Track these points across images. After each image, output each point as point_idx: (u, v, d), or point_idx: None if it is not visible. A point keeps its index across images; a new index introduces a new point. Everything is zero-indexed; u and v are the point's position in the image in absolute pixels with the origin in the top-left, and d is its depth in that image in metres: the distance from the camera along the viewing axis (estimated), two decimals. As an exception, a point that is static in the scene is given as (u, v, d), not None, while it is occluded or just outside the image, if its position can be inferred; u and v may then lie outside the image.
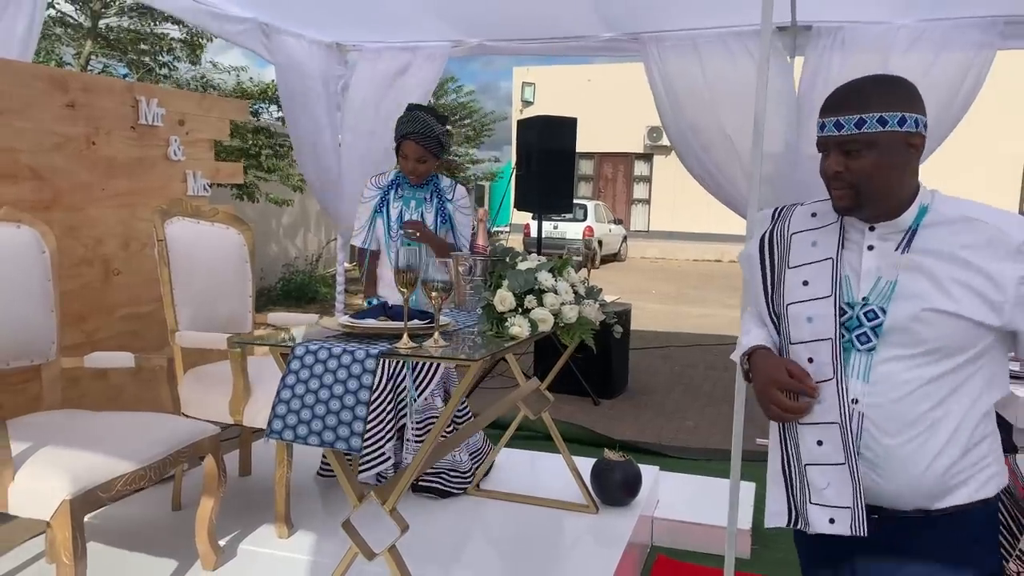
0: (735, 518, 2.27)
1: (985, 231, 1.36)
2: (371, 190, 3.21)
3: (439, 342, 1.85)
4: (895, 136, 1.38)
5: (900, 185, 1.41)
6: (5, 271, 2.43)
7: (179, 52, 9.62)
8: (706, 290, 13.28)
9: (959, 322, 1.35)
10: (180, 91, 6.27)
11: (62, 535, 1.97)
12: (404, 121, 3.10)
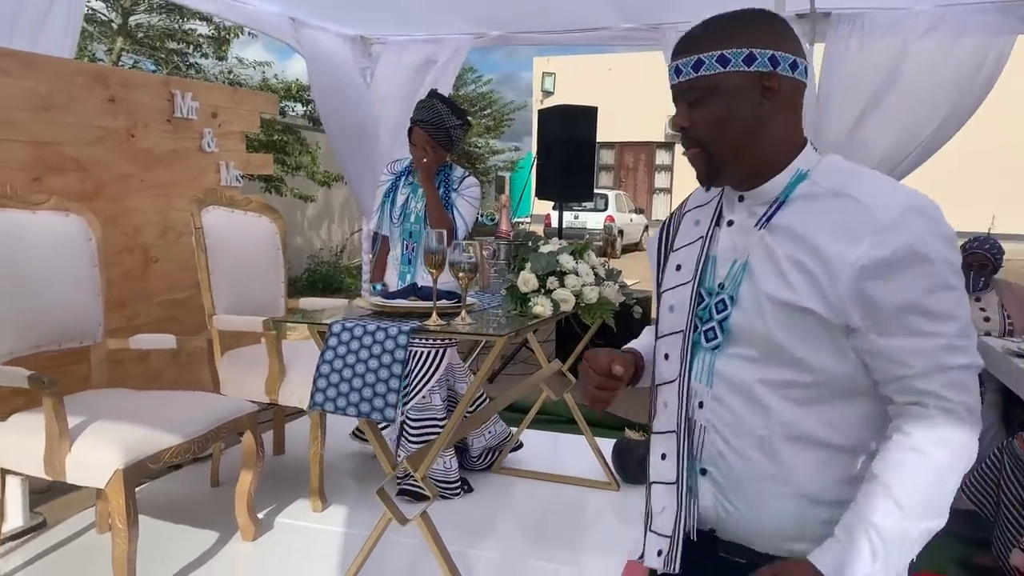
0: None
1: (850, 209, 1.08)
2: (386, 175, 3.26)
3: (466, 320, 1.96)
4: (742, 78, 1.10)
5: (759, 142, 1.13)
6: (56, 258, 2.57)
7: (206, 48, 9.79)
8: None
9: (803, 319, 1.08)
10: (213, 84, 6.41)
11: (116, 502, 2.11)
12: (420, 107, 3.12)
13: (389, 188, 3.21)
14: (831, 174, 1.13)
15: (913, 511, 1.02)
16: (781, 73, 1.10)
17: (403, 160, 3.29)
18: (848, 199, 1.08)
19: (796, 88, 1.13)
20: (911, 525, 1.02)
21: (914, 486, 1.02)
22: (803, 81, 1.13)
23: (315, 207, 11.25)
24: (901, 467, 1.03)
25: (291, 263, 11.66)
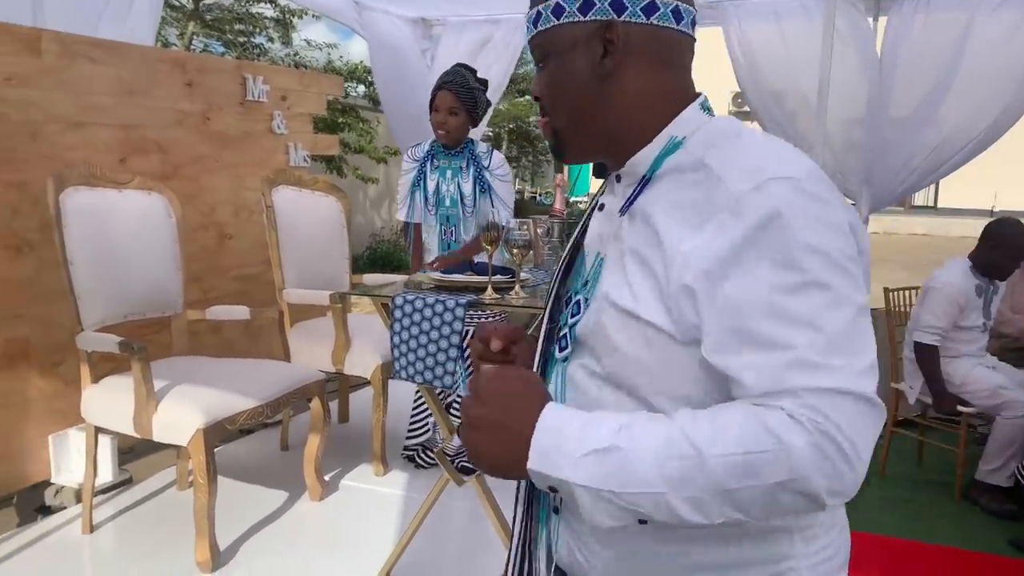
0: None
1: (702, 183, 0.84)
2: (408, 163, 3.17)
3: (520, 294, 2.06)
4: (578, 30, 0.90)
5: (604, 107, 0.92)
6: (141, 234, 2.76)
7: (272, 31, 10.05)
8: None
9: (652, 333, 0.84)
10: (282, 68, 6.63)
11: (197, 459, 2.29)
12: (443, 74, 3.07)
13: (417, 176, 3.14)
14: (705, 139, 0.89)
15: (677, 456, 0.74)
16: (629, 20, 0.88)
17: (422, 144, 3.19)
18: (705, 170, 0.85)
19: (656, 37, 0.90)
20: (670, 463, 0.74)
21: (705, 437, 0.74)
22: (668, 27, 0.90)
23: (376, 187, 11.50)
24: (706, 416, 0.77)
25: (353, 241, 11.98)
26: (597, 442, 0.76)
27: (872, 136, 4.49)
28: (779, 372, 0.74)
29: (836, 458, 0.72)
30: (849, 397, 0.73)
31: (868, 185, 4.64)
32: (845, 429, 0.72)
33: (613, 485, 0.75)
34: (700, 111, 0.92)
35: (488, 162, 3.10)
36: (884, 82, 4.38)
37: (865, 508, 3.45)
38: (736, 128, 0.91)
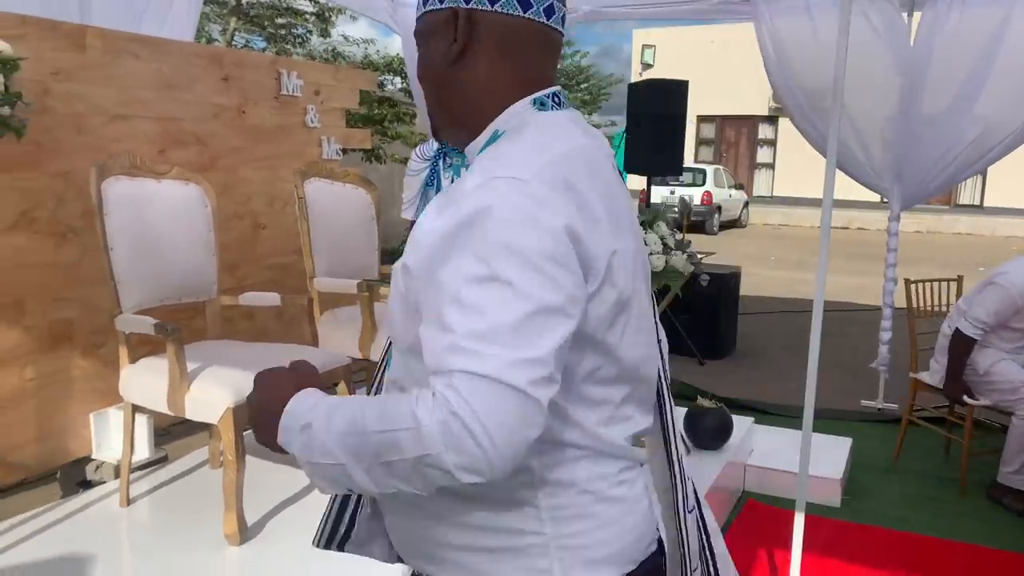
0: (806, 465, 2.42)
1: (466, 175, 0.90)
2: (417, 162, 3.12)
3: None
4: (439, 16, 0.94)
5: (451, 94, 0.96)
6: (178, 222, 2.88)
7: (312, 25, 10.22)
8: (830, 257, 12.89)
9: (405, 302, 0.92)
10: (316, 63, 6.78)
11: (227, 436, 2.40)
12: None
13: (429, 176, 3.10)
14: (519, 129, 0.93)
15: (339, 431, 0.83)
16: (476, 7, 0.92)
17: (430, 143, 3.13)
18: (475, 163, 0.92)
19: (501, 26, 0.92)
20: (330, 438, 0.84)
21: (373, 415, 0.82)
22: (514, 15, 0.92)
23: (413, 180, 11.64)
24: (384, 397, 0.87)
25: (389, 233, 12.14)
26: (302, 419, 0.86)
27: (903, 132, 4.46)
28: (441, 353, 0.80)
29: (463, 437, 0.76)
30: (492, 383, 0.77)
31: (899, 182, 4.61)
32: (479, 412, 0.76)
33: (312, 456, 0.85)
34: (530, 106, 0.95)
35: None
36: (917, 78, 4.34)
37: (888, 504, 3.45)
38: (532, 124, 0.93)
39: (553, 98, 0.97)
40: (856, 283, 9.32)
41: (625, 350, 0.93)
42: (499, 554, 0.92)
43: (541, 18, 0.93)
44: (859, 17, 4.40)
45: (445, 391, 0.78)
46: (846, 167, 4.79)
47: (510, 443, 0.78)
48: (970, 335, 3.42)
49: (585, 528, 0.93)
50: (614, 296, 0.89)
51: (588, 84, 18.02)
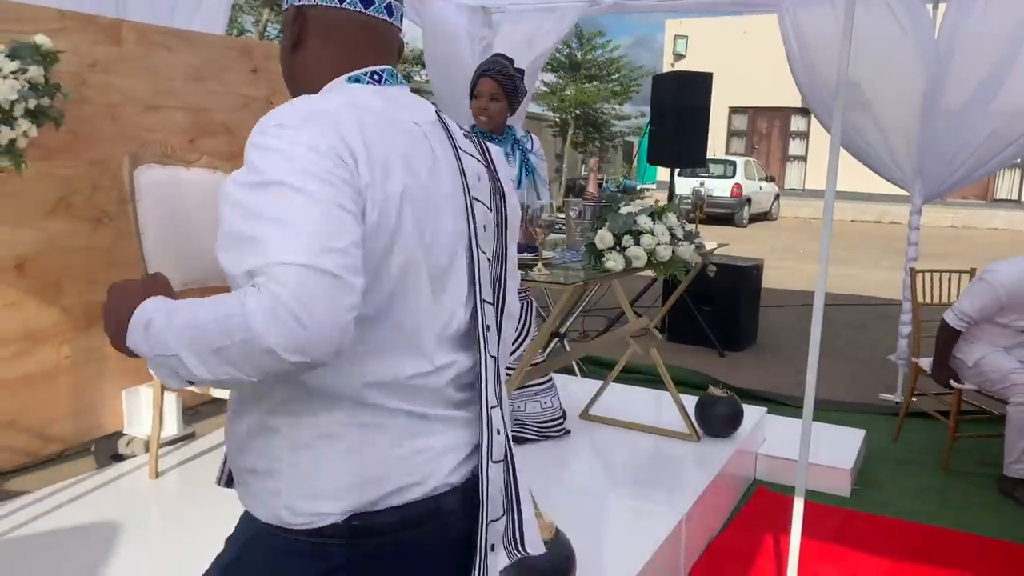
0: (807, 451, 2.46)
1: None
2: None
3: (542, 271, 2.20)
4: (286, 13, 1.11)
5: (297, 74, 1.12)
6: (204, 209, 3.01)
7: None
8: (859, 251, 12.79)
9: None
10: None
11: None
12: (481, 63, 3.17)
13: None
14: None
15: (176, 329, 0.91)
16: (306, 4, 1.08)
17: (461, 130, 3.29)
18: None
19: (328, 18, 1.07)
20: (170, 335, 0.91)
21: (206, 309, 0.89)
22: (336, 7, 1.07)
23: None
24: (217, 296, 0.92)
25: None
26: (145, 319, 0.95)
27: (925, 126, 4.45)
28: (255, 255, 0.88)
29: (285, 318, 0.85)
30: (307, 270, 0.86)
31: (921, 176, 4.60)
32: (296, 293, 0.85)
33: (153, 351, 0.93)
34: (344, 81, 1.07)
35: (531, 145, 3.23)
36: (940, 71, 4.33)
37: (898, 495, 3.48)
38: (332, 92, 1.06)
39: (371, 76, 1.09)
40: (884, 277, 9.25)
41: (393, 296, 1.02)
42: (257, 474, 1.05)
43: (359, 8, 1.07)
44: (883, 9, 4.40)
45: (267, 282, 0.86)
46: (867, 161, 4.79)
47: (328, 322, 0.87)
48: (953, 326, 3.54)
49: (314, 460, 1.02)
50: (386, 236, 0.99)
51: (619, 75, 18.00)
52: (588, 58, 17.42)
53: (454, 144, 1.13)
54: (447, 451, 1.09)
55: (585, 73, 17.56)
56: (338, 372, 0.99)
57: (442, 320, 1.09)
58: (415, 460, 1.06)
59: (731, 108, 21.60)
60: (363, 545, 1.03)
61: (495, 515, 1.13)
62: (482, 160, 1.19)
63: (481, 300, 1.13)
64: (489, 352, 1.13)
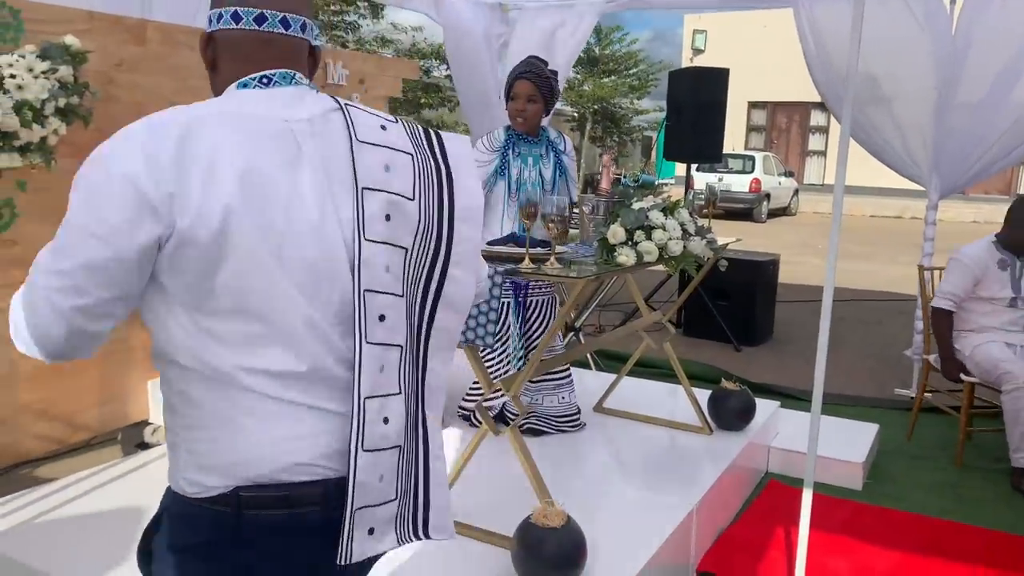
0: (815, 444, 2.49)
1: None
2: (485, 153, 3.19)
3: (555, 265, 2.25)
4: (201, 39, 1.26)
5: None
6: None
7: (364, 11, 10.44)
8: (877, 246, 12.71)
9: None
10: (360, 53, 7.00)
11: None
12: (517, 65, 3.20)
13: (500, 165, 3.18)
14: None
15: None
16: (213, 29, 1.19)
17: (496, 133, 3.25)
18: None
19: (230, 37, 1.18)
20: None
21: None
22: (234, 28, 1.17)
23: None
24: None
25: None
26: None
27: (941, 121, 4.45)
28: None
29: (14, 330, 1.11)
30: (32, 288, 1.07)
31: (937, 171, 4.60)
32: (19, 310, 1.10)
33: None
34: (235, 88, 1.17)
35: (564, 146, 3.30)
36: (956, 67, 4.32)
37: (910, 489, 3.51)
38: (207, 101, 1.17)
39: (260, 80, 1.17)
40: (902, 273, 9.21)
41: (243, 292, 1.08)
42: (169, 447, 1.18)
43: (253, 27, 1.17)
44: (900, 6, 4.40)
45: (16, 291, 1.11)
46: (883, 156, 4.79)
47: (39, 335, 1.07)
48: (941, 307, 3.73)
49: (201, 438, 1.12)
50: (209, 238, 1.05)
51: (637, 70, 17.97)
52: (606, 53, 17.39)
53: (351, 136, 1.17)
54: (319, 436, 1.14)
55: (603, 68, 17.55)
56: (215, 358, 1.09)
57: (318, 310, 1.12)
58: (290, 445, 1.12)
59: (750, 103, 21.49)
60: (248, 515, 1.11)
61: (370, 502, 1.16)
62: (412, 150, 1.23)
63: (362, 290, 1.14)
64: (369, 340, 1.15)
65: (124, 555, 2.31)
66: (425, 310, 1.22)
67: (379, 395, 1.16)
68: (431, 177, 1.23)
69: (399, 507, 1.20)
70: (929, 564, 2.86)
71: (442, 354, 1.25)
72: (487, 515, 2.48)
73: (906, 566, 2.84)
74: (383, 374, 1.16)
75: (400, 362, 1.19)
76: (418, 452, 1.22)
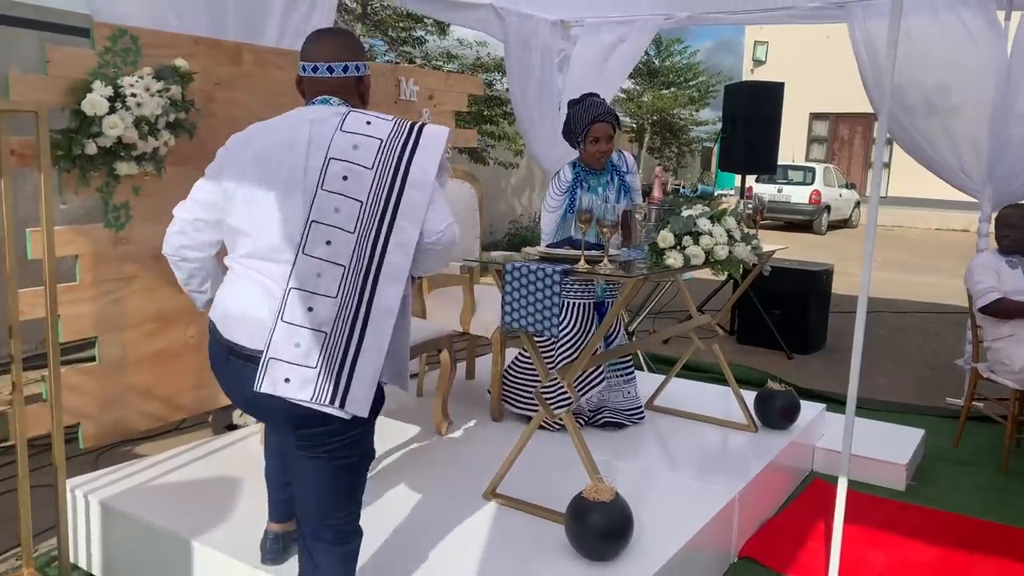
0: (849, 440, 2.62)
1: None
2: (557, 198, 3.37)
3: (607, 266, 2.48)
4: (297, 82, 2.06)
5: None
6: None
7: (431, 28, 10.82)
8: (941, 260, 12.51)
9: None
10: (430, 71, 7.29)
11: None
12: (585, 108, 3.29)
13: (568, 205, 3.34)
14: None
15: None
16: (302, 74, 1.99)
17: (563, 173, 3.40)
18: None
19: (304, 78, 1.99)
20: None
21: None
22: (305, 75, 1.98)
23: (518, 177, 12.10)
24: None
25: (494, 226, 12.59)
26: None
27: (995, 133, 4.52)
28: None
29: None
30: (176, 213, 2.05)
31: (990, 183, 4.67)
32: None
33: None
34: (305, 105, 1.97)
35: (625, 166, 3.51)
36: (1011, 78, 4.40)
37: (953, 491, 3.60)
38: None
39: (312, 101, 1.95)
40: (964, 286, 9.10)
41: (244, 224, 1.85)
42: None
43: (311, 74, 1.95)
44: (952, 20, 4.50)
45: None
46: (936, 169, 4.88)
47: (169, 243, 2.04)
48: (990, 298, 3.81)
49: (218, 295, 1.91)
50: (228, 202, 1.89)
51: (697, 81, 18.02)
52: (666, 65, 17.50)
53: (338, 127, 1.82)
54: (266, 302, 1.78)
55: (663, 80, 17.66)
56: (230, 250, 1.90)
57: (288, 231, 1.78)
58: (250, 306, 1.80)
59: (812, 114, 21.26)
60: (223, 342, 1.84)
61: (282, 358, 1.72)
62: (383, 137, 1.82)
63: (310, 220, 1.76)
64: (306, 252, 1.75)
65: (218, 514, 2.63)
66: (378, 246, 1.76)
67: (308, 290, 1.74)
68: (394, 155, 1.81)
69: (319, 375, 1.72)
70: (967, 560, 2.96)
71: (393, 284, 1.77)
72: (544, 495, 2.73)
73: (944, 562, 2.95)
74: (320, 279, 1.74)
75: (342, 277, 1.75)
76: (348, 344, 1.73)
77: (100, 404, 3.04)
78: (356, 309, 1.74)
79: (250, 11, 3.66)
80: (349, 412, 1.73)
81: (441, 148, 1.86)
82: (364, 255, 1.75)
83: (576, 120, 3.33)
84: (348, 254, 1.74)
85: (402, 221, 1.77)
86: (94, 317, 2.99)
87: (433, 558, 2.39)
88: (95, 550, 2.74)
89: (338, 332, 1.73)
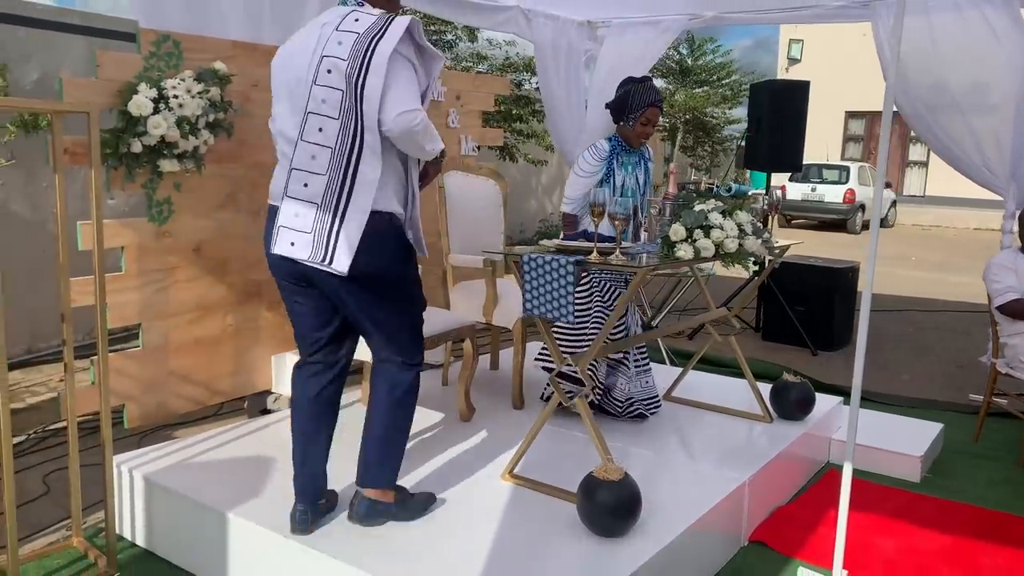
0: (854, 431, 2.66)
1: None
2: (594, 164, 3.51)
3: (619, 257, 2.60)
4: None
5: None
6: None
7: (460, 31, 10.98)
8: (978, 260, 12.29)
9: None
10: (458, 72, 7.45)
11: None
12: (645, 90, 3.45)
13: (606, 173, 3.51)
14: None
15: None
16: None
17: (600, 145, 3.55)
18: None
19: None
20: None
21: None
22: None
23: (548, 175, 12.21)
24: None
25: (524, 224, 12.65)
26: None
27: (1019, 131, 4.53)
28: None
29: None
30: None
31: (1015, 180, 4.68)
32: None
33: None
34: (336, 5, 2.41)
35: (648, 153, 3.71)
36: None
37: (969, 484, 3.64)
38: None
39: (340, 3, 2.32)
40: (998, 285, 9.01)
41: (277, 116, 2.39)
42: None
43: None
44: (976, 18, 4.52)
45: None
46: (960, 166, 4.89)
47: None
48: (1010, 299, 3.83)
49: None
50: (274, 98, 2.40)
51: (730, 80, 17.96)
52: (699, 63, 17.48)
53: (336, 27, 2.19)
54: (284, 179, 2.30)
55: (695, 78, 17.63)
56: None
57: (296, 121, 2.25)
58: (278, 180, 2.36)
59: (847, 112, 21.06)
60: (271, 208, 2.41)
61: (289, 226, 2.25)
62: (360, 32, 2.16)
63: (307, 112, 2.20)
64: (304, 139, 2.22)
65: (251, 489, 2.80)
66: (357, 128, 2.15)
67: (304, 170, 2.21)
68: (363, 45, 2.13)
69: (313, 240, 2.20)
70: (977, 548, 3.01)
71: (373, 158, 2.18)
72: (560, 477, 2.85)
73: (953, 550, 3.00)
74: (315, 160, 2.19)
75: (330, 157, 2.18)
76: (336, 212, 2.18)
77: (143, 387, 3.24)
78: (342, 183, 2.17)
79: (286, 15, 3.84)
80: (334, 269, 2.17)
81: (398, 34, 2.14)
82: (348, 137, 2.15)
83: (635, 98, 3.46)
84: (335, 137, 2.16)
85: (365, 106, 2.13)
86: (138, 305, 3.19)
87: (453, 533, 2.53)
88: (139, 522, 2.93)
89: (327, 203, 2.18)
